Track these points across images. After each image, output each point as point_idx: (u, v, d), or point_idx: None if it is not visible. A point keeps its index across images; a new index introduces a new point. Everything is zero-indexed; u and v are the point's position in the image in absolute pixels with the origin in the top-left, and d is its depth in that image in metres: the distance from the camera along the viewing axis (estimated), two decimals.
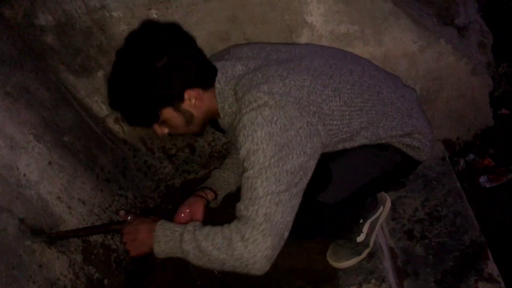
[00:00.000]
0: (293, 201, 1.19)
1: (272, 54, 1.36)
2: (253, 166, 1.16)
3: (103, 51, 1.76)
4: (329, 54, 1.42)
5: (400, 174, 1.64)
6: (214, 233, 1.20)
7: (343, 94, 1.30)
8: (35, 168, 1.49)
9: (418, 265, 1.73)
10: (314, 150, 1.22)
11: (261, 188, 1.15)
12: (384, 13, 1.72)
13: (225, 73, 1.30)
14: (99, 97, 1.89)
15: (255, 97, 1.19)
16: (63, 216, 1.54)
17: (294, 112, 1.19)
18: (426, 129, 1.47)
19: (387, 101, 1.39)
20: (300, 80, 1.24)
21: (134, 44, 1.25)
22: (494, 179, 2.07)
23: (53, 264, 1.43)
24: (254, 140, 1.16)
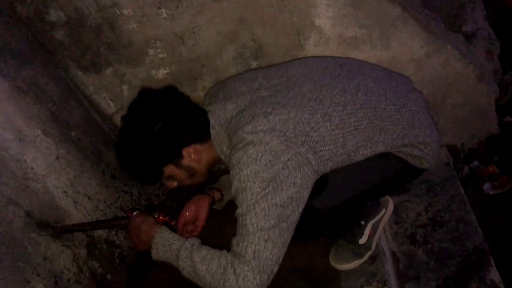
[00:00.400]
0: (284, 236, 1.22)
1: (264, 84, 1.39)
2: (242, 203, 1.21)
3: (113, 49, 1.78)
4: (322, 71, 1.40)
5: (401, 181, 1.63)
6: (210, 257, 1.24)
7: (334, 117, 1.30)
8: (42, 162, 1.50)
9: (420, 270, 1.73)
10: (305, 179, 1.24)
11: (250, 225, 1.19)
12: (392, 18, 1.73)
13: (217, 117, 1.37)
14: (107, 94, 1.91)
15: (240, 138, 1.25)
16: (69, 210, 1.55)
17: (279, 146, 1.22)
18: (430, 138, 1.43)
19: (384, 115, 1.36)
20: (285, 113, 1.27)
21: (134, 111, 1.40)
22: (498, 187, 2.07)
23: (57, 257, 1.44)
24: (241, 178, 1.21)
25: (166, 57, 1.81)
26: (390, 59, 1.84)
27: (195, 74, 1.86)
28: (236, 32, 1.75)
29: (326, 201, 1.40)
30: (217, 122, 1.37)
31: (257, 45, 1.78)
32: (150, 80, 1.87)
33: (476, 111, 2.05)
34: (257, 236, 1.19)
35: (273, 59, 1.82)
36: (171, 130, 1.35)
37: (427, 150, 1.43)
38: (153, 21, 1.70)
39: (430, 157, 1.45)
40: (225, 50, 1.80)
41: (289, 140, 1.23)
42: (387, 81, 1.45)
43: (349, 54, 1.81)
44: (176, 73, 1.86)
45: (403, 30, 1.76)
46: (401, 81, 1.52)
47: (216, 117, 1.37)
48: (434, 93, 1.96)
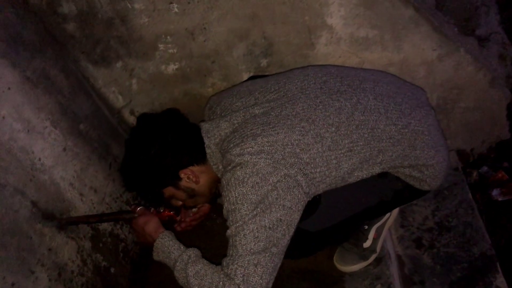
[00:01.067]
0: (274, 261, 1.23)
1: (259, 99, 1.38)
2: (232, 224, 1.23)
3: (123, 42, 1.78)
4: (320, 86, 1.36)
5: (400, 203, 1.59)
6: (204, 274, 1.26)
7: (326, 139, 1.27)
8: (50, 153, 1.50)
9: (425, 274, 1.71)
10: (296, 202, 1.24)
11: (240, 246, 1.20)
12: (404, 19, 1.71)
13: (212, 136, 1.38)
14: (117, 88, 1.91)
15: (229, 161, 1.26)
16: (75, 203, 1.56)
17: (267, 168, 1.22)
18: (433, 159, 1.37)
19: (383, 136, 1.31)
20: (274, 134, 1.26)
21: (133, 137, 1.46)
22: (507, 193, 2.05)
23: (62, 249, 1.44)
24: (230, 200, 1.23)
25: (176, 53, 1.81)
26: (402, 61, 1.82)
27: (205, 70, 1.86)
28: (247, 29, 1.74)
29: (316, 224, 1.39)
30: (212, 141, 1.38)
31: (268, 43, 1.77)
32: (160, 75, 1.87)
33: (487, 116, 2.03)
34: (247, 260, 1.19)
35: (283, 58, 1.81)
36: (166, 153, 1.38)
37: (428, 172, 1.38)
38: (164, 16, 1.70)
39: (431, 180, 1.40)
40: (235, 47, 1.79)
41: (277, 162, 1.22)
42: (392, 97, 1.37)
43: (360, 55, 1.80)
44: (185, 69, 1.86)
45: (415, 32, 1.75)
46: (410, 95, 1.43)
47: (211, 136, 1.38)
48: (444, 97, 1.95)
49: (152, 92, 1.93)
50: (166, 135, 1.38)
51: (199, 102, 1.92)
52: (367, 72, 1.50)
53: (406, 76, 1.84)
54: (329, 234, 1.45)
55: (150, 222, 1.44)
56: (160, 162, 1.38)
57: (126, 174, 1.48)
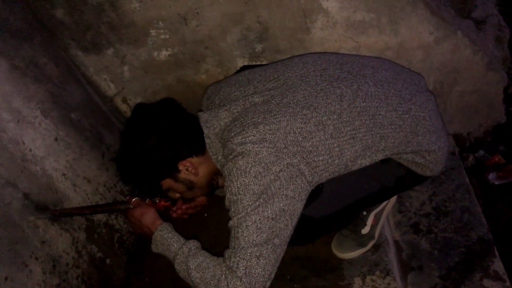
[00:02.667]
0: (277, 252, 1.21)
1: (258, 88, 1.35)
2: (234, 215, 1.20)
3: (114, 28, 1.73)
4: (320, 73, 1.33)
5: (402, 189, 1.58)
6: (205, 266, 1.24)
7: (328, 126, 1.25)
8: (41, 143, 1.47)
9: (423, 259, 1.71)
10: (299, 191, 1.22)
11: (242, 238, 1.18)
12: (401, 2, 1.68)
13: (211, 126, 1.35)
14: (108, 75, 1.87)
15: (230, 150, 1.23)
16: (68, 193, 1.53)
17: (269, 157, 1.19)
18: (435, 145, 1.36)
19: (385, 123, 1.29)
20: (275, 122, 1.23)
21: (129, 127, 1.41)
22: (504, 177, 2.04)
23: (56, 241, 1.42)
24: (232, 191, 1.20)
25: (168, 38, 1.76)
26: (398, 45, 1.79)
27: (198, 56, 1.82)
28: (241, 14, 1.70)
29: (319, 210, 1.37)
30: (211, 131, 1.35)
31: (263, 28, 1.73)
32: (152, 62, 1.83)
33: (484, 100, 2.01)
34: (249, 252, 1.18)
35: (279, 42, 1.77)
36: (165, 144, 1.34)
37: (430, 158, 1.37)
38: (156, 1, 1.66)
39: (434, 165, 1.39)
40: (229, 32, 1.75)
41: (279, 151, 1.20)
42: (392, 83, 1.35)
43: (356, 39, 1.77)
44: (178, 55, 1.82)
45: (412, 15, 1.71)
46: (409, 81, 1.41)
47: (210, 126, 1.35)
48: (441, 81, 1.93)
49: (145, 79, 1.89)
50: (164, 126, 1.35)
51: (193, 89, 1.89)
52: (366, 59, 1.47)
53: (403, 60, 1.82)
54: (332, 221, 1.44)
55: (146, 214, 1.42)
56: (158, 154, 1.34)
57: (123, 167, 1.44)
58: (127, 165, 1.41)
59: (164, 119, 1.36)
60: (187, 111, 1.43)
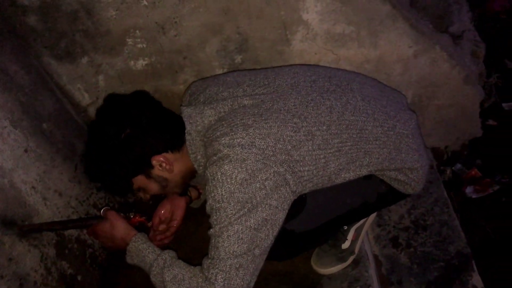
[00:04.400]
0: (256, 262, 1.18)
1: (247, 91, 1.30)
2: (216, 224, 1.16)
3: (89, 36, 1.68)
4: (310, 84, 1.31)
5: (382, 206, 1.58)
6: (181, 278, 1.20)
7: (316, 137, 1.23)
8: (9, 155, 1.40)
9: (402, 274, 1.70)
10: (282, 201, 1.19)
11: (222, 249, 1.14)
12: (381, 15, 1.68)
13: (194, 123, 1.28)
14: (82, 85, 1.81)
15: (215, 150, 1.18)
16: (37, 208, 1.46)
17: (256, 165, 1.15)
18: (417, 163, 1.36)
19: (370, 138, 1.29)
20: (266, 127, 1.19)
21: (100, 118, 1.32)
22: (480, 190, 2.06)
23: (23, 258, 1.35)
24: (215, 198, 1.15)
25: (145, 48, 1.72)
26: (378, 58, 1.79)
27: (176, 66, 1.78)
28: (221, 24, 1.67)
29: (301, 224, 1.35)
30: (193, 127, 1.29)
31: (242, 39, 1.71)
32: (128, 71, 1.78)
33: (461, 114, 2.03)
34: (229, 264, 1.14)
35: (258, 54, 1.75)
36: (139, 138, 1.27)
37: (412, 175, 1.37)
38: (133, 9, 1.61)
39: (415, 183, 1.39)
40: (208, 43, 1.72)
41: (267, 158, 1.16)
42: (378, 99, 1.35)
43: (336, 52, 1.76)
44: (156, 64, 1.77)
45: (392, 29, 1.72)
46: (393, 99, 1.42)
47: (193, 122, 1.29)
48: (420, 94, 1.93)
49: (121, 89, 1.84)
50: (140, 118, 1.27)
51: (170, 99, 1.85)
52: (352, 74, 1.47)
53: (382, 73, 1.82)
54: (314, 235, 1.42)
55: (118, 226, 1.36)
56: (131, 147, 1.26)
57: (92, 161, 1.33)
58: (96, 159, 1.31)
59: (139, 110, 1.29)
60: (161, 104, 1.36)
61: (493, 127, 2.28)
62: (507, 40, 2.63)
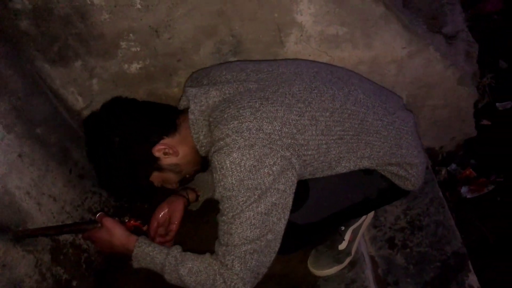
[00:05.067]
0: (271, 245, 1.21)
1: (251, 76, 1.31)
2: (228, 212, 1.17)
3: (83, 40, 1.67)
4: (313, 74, 1.34)
5: (383, 202, 1.59)
6: (197, 270, 1.22)
7: (320, 122, 1.24)
8: (3, 160, 1.39)
9: (398, 275, 1.70)
10: (289, 185, 1.20)
11: (236, 235, 1.16)
12: (375, 17, 1.68)
13: (198, 102, 1.28)
14: (76, 88, 1.80)
15: (223, 134, 1.17)
16: (32, 213, 1.45)
17: (263, 150, 1.15)
18: (417, 159, 1.39)
19: (371, 130, 1.31)
20: (273, 111, 1.20)
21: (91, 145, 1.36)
22: (475, 190, 2.07)
23: (18, 264, 1.34)
24: (226, 186, 1.16)
25: (139, 51, 1.71)
26: (372, 59, 1.80)
27: (171, 69, 1.78)
28: (215, 27, 1.67)
29: (305, 217, 1.36)
30: (197, 107, 1.28)
31: (236, 41, 1.71)
32: (122, 74, 1.78)
33: (455, 114, 2.03)
34: (243, 250, 1.17)
35: (252, 56, 1.75)
36: (130, 140, 1.29)
37: (412, 171, 1.39)
38: (126, 12, 1.60)
39: (415, 179, 1.41)
40: (202, 45, 1.71)
41: (273, 143, 1.17)
42: (377, 95, 1.39)
43: (330, 53, 1.76)
44: (150, 68, 1.77)
45: (385, 30, 1.72)
46: (391, 98, 1.46)
47: (198, 101, 1.28)
48: (414, 95, 1.94)
49: (115, 92, 1.82)
50: (121, 123, 1.30)
51: (165, 102, 1.83)
52: (351, 72, 1.50)
53: (376, 74, 1.82)
54: (316, 229, 1.43)
55: (116, 233, 1.34)
56: (128, 152, 1.29)
57: (110, 185, 1.38)
58: (112, 181, 1.35)
59: (115, 116, 1.31)
60: (136, 99, 1.39)
61: (487, 127, 2.29)
62: (500, 40, 2.64)
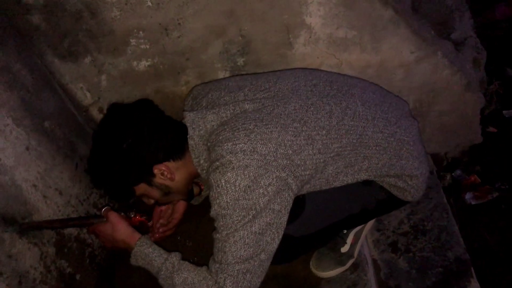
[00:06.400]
0: (263, 265, 1.22)
1: (249, 96, 1.31)
2: (222, 230, 1.18)
3: (93, 36, 1.68)
4: (311, 88, 1.33)
5: (381, 212, 1.59)
6: (191, 282, 1.24)
7: (316, 141, 1.24)
8: (11, 152, 1.40)
9: (400, 279, 1.70)
10: (285, 205, 1.21)
11: (229, 253, 1.18)
12: (384, 20, 1.69)
13: (196, 127, 1.30)
14: (84, 84, 1.81)
15: (218, 155, 1.19)
16: (38, 206, 1.46)
17: (258, 171, 1.16)
18: (417, 170, 1.37)
19: (370, 143, 1.29)
20: (267, 132, 1.20)
21: (103, 128, 1.35)
22: (480, 197, 2.07)
23: (23, 256, 1.34)
24: (221, 204, 1.17)
25: (148, 48, 1.73)
26: (380, 63, 1.80)
27: (179, 67, 1.79)
28: (224, 27, 1.68)
29: (300, 229, 1.36)
30: (196, 132, 1.30)
31: (245, 41, 1.72)
32: (131, 72, 1.79)
33: (461, 120, 2.03)
34: (236, 269, 1.18)
35: (261, 57, 1.76)
36: (140, 147, 1.28)
37: (412, 183, 1.37)
38: (137, 10, 1.62)
39: (415, 190, 1.40)
40: (211, 45, 1.72)
41: (268, 164, 1.17)
42: (378, 105, 1.36)
43: (338, 56, 1.77)
44: (158, 65, 1.78)
45: (394, 34, 1.73)
46: (395, 105, 1.42)
47: (196, 127, 1.30)
48: (421, 100, 1.94)
49: (123, 89, 1.84)
50: (141, 127, 1.29)
51: (172, 100, 1.85)
52: (354, 79, 1.48)
53: (383, 78, 1.82)
54: (312, 240, 1.43)
55: (120, 228, 1.37)
56: (132, 157, 1.28)
57: (95, 169, 1.36)
58: (100, 168, 1.34)
59: (140, 120, 1.31)
60: (164, 113, 1.37)
61: (493, 134, 2.29)
62: (508, 48, 2.63)
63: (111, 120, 1.34)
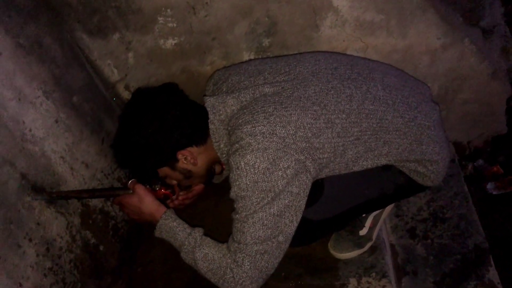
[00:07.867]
0: (281, 247, 1.24)
1: (269, 79, 1.32)
2: (241, 211, 1.21)
3: (121, 14, 1.71)
4: (331, 72, 1.32)
5: (400, 197, 1.59)
6: (212, 258, 1.27)
7: (336, 125, 1.24)
8: (41, 124, 1.44)
9: (418, 265, 1.71)
10: (303, 187, 1.22)
11: (248, 234, 1.20)
12: (412, 5, 1.67)
13: (217, 112, 1.32)
14: (112, 61, 1.85)
15: (238, 138, 1.21)
16: (65, 177, 1.50)
17: (277, 153, 1.17)
18: (438, 155, 1.35)
19: (390, 128, 1.28)
20: (287, 115, 1.21)
21: (129, 112, 1.38)
22: (502, 187, 2.05)
23: (50, 224, 1.39)
24: (240, 186, 1.19)
25: (175, 27, 1.74)
26: (406, 48, 1.79)
27: (205, 47, 1.80)
28: (251, 7, 1.68)
29: (318, 213, 1.37)
30: (217, 117, 1.32)
31: (271, 22, 1.72)
32: (158, 50, 1.81)
33: (486, 109, 2.01)
34: (255, 249, 1.21)
35: (286, 38, 1.76)
36: (165, 132, 1.31)
37: (432, 168, 1.36)
38: None
39: (435, 175, 1.39)
40: (237, 25, 1.73)
41: (287, 146, 1.19)
42: (399, 90, 1.35)
43: (364, 40, 1.76)
44: (184, 44, 1.80)
45: (421, 19, 1.71)
46: (416, 89, 1.40)
47: (216, 111, 1.32)
48: (446, 87, 1.92)
49: (149, 67, 1.87)
50: (166, 113, 1.32)
51: (196, 79, 1.87)
52: (375, 63, 1.47)
53: (409, 64, 1.81)
54: (330, 224, 1.45)
55: (146, 200, 1.40)
56: (158, 142, 1.31)
57: (120, 151, 1.41)
58: (125, 150, 1.38)
59: (166, 105, 1.33)
60: (189, 98, 1.40)
61: None
62: None
63: (137, 105, 1.37)
